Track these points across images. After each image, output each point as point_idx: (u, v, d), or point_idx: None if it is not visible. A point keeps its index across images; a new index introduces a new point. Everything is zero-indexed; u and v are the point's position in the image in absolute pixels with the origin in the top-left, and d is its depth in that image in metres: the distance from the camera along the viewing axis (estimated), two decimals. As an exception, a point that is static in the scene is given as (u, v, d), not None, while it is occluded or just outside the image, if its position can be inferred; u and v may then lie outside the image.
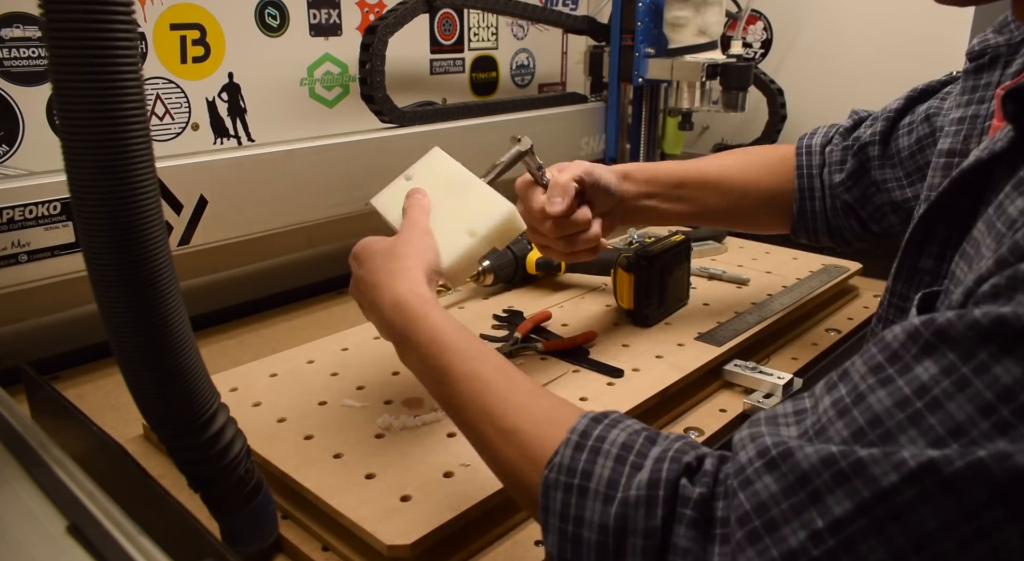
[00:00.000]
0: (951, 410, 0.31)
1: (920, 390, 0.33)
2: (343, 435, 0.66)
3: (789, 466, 0.35)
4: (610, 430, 0.44)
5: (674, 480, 0.39)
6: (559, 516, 0.42)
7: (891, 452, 0.32)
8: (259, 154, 0.93)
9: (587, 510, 0.41)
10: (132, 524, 0.38)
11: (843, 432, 0.34)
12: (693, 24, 1.19)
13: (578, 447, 0.43)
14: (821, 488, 0.33)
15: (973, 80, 0.58)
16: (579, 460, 0.42)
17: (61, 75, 0.38)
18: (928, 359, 0.33)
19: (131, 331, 0.43)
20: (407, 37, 1.16)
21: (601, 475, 0.41)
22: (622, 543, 0.39)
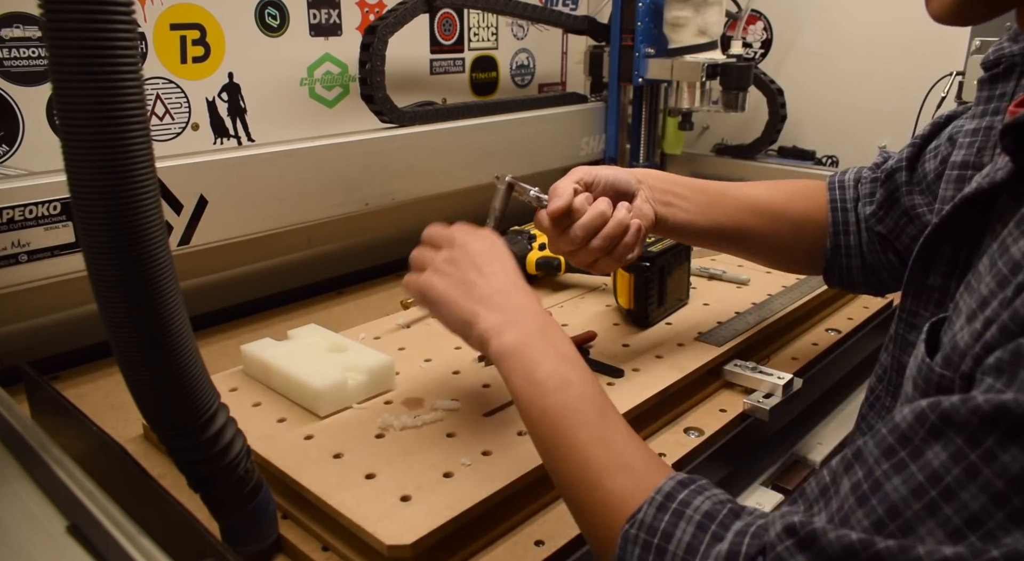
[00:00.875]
0: (965, 500, 0.32)
1: (933, 477, 0.33)
2: (343, 435, 0.66)
3: (816, 552, 0.35)
4: (695, 496, 0.44)
5: (752, 556, 0.39)
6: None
7: (907, 548, 0.32)
8: (259, 154, 0.93)
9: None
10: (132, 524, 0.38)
11: (864, 522, 0.35)
12: (693, 24, 1.19)
13: (661, 507, 0.44)
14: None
15: (988, 90, 0.57)
16: (661, 521, 0.43)
17: (61, 75, 0.38)
18: (937, 444, 0.34)
19: (131, 331, 0.43)
20: (407, 37, 1.16)
21: (681, 539, 0.42)
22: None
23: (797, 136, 1.37)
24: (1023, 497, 0.31)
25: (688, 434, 0.72)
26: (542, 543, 0.58)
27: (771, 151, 1.38)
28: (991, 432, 0.32)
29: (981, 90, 0.58)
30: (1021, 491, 0.31)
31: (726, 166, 1.39)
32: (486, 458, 0.62)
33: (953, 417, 0.33)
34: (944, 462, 0.33)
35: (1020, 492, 0.31)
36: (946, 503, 0.32)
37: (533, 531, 0.59)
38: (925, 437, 0.34)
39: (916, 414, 0.35)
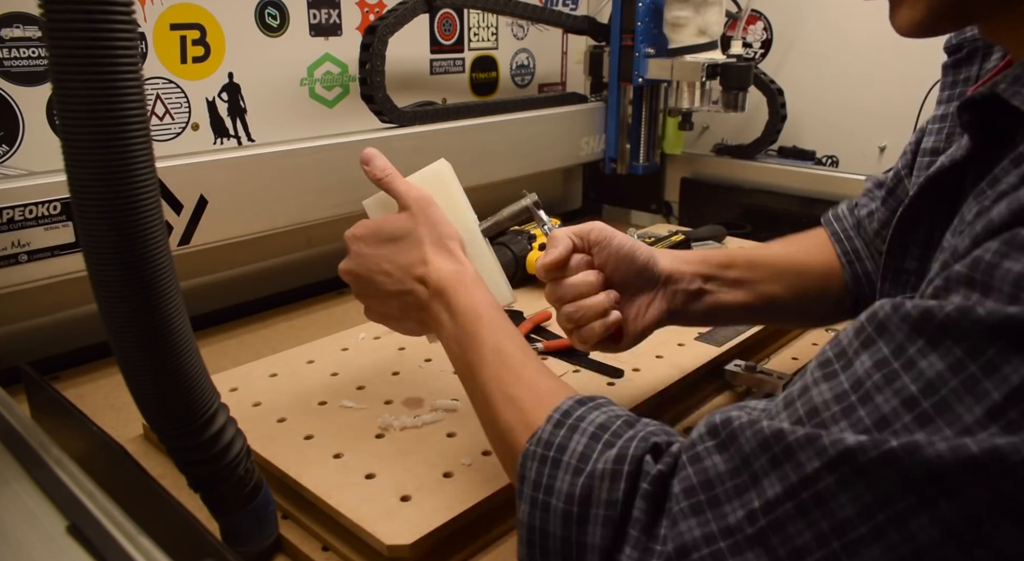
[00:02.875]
0: (879, 402, 0.33)
1: (856, 384, 0.35)
2: (343, 435, 0.66)
3: (736, 448, 0.37)
4: (592, 412, 0.46)
5: (639, 456, 0.41)
6: (532, 485, 0.44)
7: (815, 437, 0.34)
8: (259, 154, 0.93)
9: (557, 480, 0.43)
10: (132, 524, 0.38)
11: (784, 420, 0.36)
12: (693, 24, 1.18)
13: (558, 424, 0.46)
14: (759, 471, 0.35)
15: (952, 75, 0.58)
16: (557, 435, 0.45)
17: (61, 75, 0.38)
18: (866, 353, 0.35)
19: (131, 331, 0.43)
20: (407, 37, 1.16)
21: (575, 450, 0.44)
22: (586, 512, 0.41)
23: (797, 136, 1.37)
24: (931, 401, 0.32)
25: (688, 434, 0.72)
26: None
27: (771, 151, 1.38)
28: (916, 339, 0.33)
29: (946, 76, 0.58)
30: (931, 395, 0.32)
31: (726, 166, 1.39)
32: (486, 458, 0.62)
33: (885, 325, 0.35)
34: (868, 369, 0.34)
35: (930, 396, 0.32)
36: (862, 406, 0.34)
37: (533, 531, 0.59)
38: (858, 348, 0.36)
39: (855, 327, 0.37)
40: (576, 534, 0.41)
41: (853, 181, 1.21)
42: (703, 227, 1.19)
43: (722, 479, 0.37)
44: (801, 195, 1.27)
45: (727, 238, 1.19)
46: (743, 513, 0.35)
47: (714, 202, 1.38)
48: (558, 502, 0.42)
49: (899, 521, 0.31)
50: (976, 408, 0.30)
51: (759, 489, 0.35)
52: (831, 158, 1.36)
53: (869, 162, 1.31)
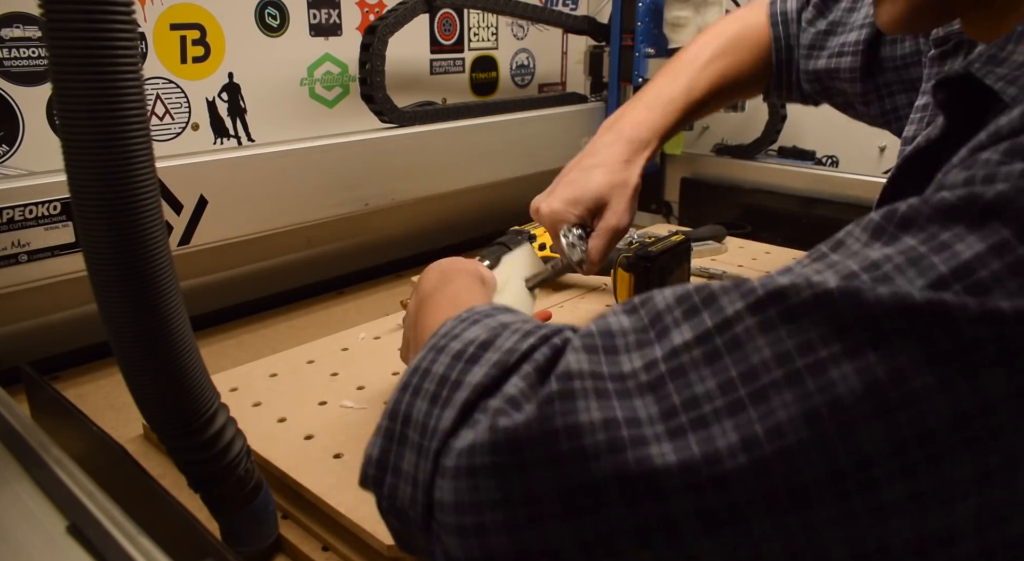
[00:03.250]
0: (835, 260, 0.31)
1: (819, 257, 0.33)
2: (343, 435, 0.66)
3: (647, 308, 0.34)
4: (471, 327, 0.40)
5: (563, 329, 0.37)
6: (440, 335, 0.40)
7: (743, 282, 0.32)
8: (259, 154, 0.93)
9: (468, 332, 0.39)
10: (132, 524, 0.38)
11: None
12: (693, 24, 1.19)
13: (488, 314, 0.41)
14: (670, 324, 0.33)
15: (938, 66, 0.58)
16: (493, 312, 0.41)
17: (61, 75, 0.38)
18: (686, 323, 0.33)
19: (131, 331, 0.43)
20: (407, 37, 1.16)
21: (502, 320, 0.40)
22: (479, 354, 0.37)
23: (797, 136, 1.37)
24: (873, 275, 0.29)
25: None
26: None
27: (771, 151, 1.38)
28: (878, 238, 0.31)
29: (931, 67, 0.59)
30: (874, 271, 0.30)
31: (726, 166, 1.39)
32: (486, 458, 0.62)
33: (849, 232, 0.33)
34: (688, 341, 0.32)
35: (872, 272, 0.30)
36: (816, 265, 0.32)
37: (533, 531, 0.59)
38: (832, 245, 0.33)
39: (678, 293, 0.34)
40: (458, 372, 0.36)
41: (853, 181, 1.21)
42: (703, 227, 1.19)
43: (624, 332, 0.34)
44: (801, 195, 1.27)
45: (727, 238, 1.19)
46: (640, 362, 0.32)
47: (714, 202, 1.38)
48: (456, 344, 0.38)
49: (819, 368, 0.28)
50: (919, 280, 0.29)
51: (665, 341, 0.32)
52: (831, 158, 1.36)
53: (869, 162, 1.31)
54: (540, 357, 0.35)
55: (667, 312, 0.33)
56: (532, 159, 1.28)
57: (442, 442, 0.35)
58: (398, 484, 0.39)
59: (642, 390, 0.31)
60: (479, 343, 0.37)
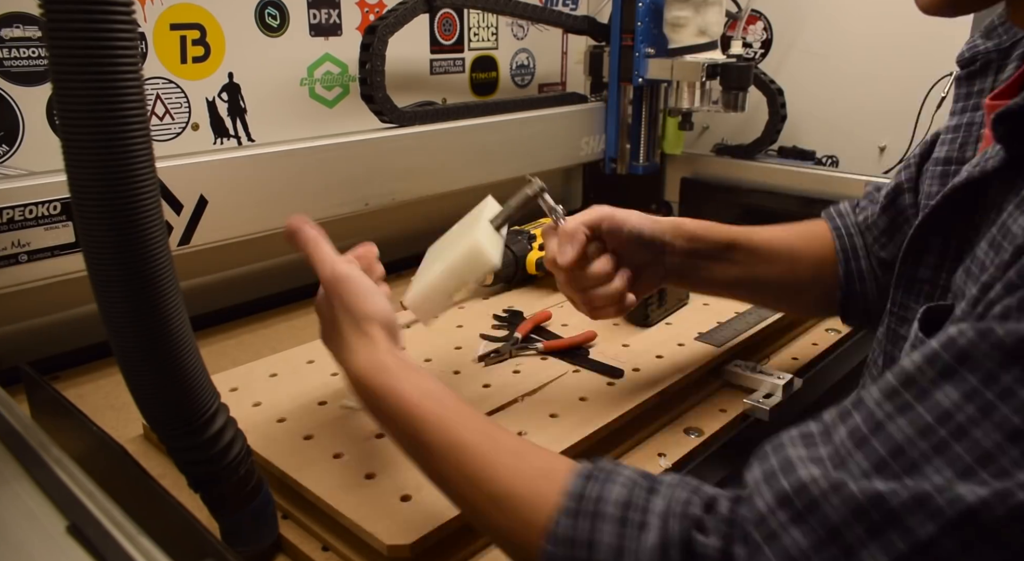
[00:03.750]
0: (977, 437, 0.30)
1: (943, 417, 0.31)
2: (343, 435, 0.66)
3: (818, 520, 0.32)
4: (604, 487, 0.40)
5: (686, 539, 0.36)
6: (566, 541, 0.39)
7: (925, 498, 0.30)
8: (259, 154, 0.93)
9: (600, 532, 0.38)
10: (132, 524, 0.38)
11: (863, 464, 0.33)
12: (693, 24, 1.18)
13: (575, 513, 0.40)
14: (854, 543, 0.31)
15: (966, 87, 0.58)
16: (580, 529, 0.39)
17: (61, 75, 0.38)
18: (948, 383, 0.32)
19: (131, 331, 0.43)
20: (407, 37, 1.16)
21: (607, 542, 0.38)
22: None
23: (797, 136, 1.37)
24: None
25: (688, 434, 0.72)
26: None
27: (771, 151, 1.38)
28: (1010, 368, 0.30)
29: (959, 88, 0.58)
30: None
31: (726, 166, 1.39)
32: (486, 458, 0.62)
33: (970, 353, 0.31)
34: (956, 401, 0.31)
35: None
36: (956, 441, 0.30)
37: (533, 531, 0.59)
38: (935, 378, 0.32)
39: (926, 355, 0.33)
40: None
41: (853, 181, 1.21)
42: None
43: (806, 555, 0.32)
44: (801, 195, 1.27)
45: (727, 238, 1.19)
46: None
47: (714, 202, 1.38)
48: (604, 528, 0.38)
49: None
50: None
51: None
52: (831, 158, 1.36)
53: (869, 162, 1.31)
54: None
55: (846, 528, 0.32)
56: (532, 159, 1.28)
57: None
58: None
59: None
60: None
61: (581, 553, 0.39)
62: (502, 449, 0.46)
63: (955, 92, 0.59)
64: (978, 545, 0.29)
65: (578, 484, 0.41)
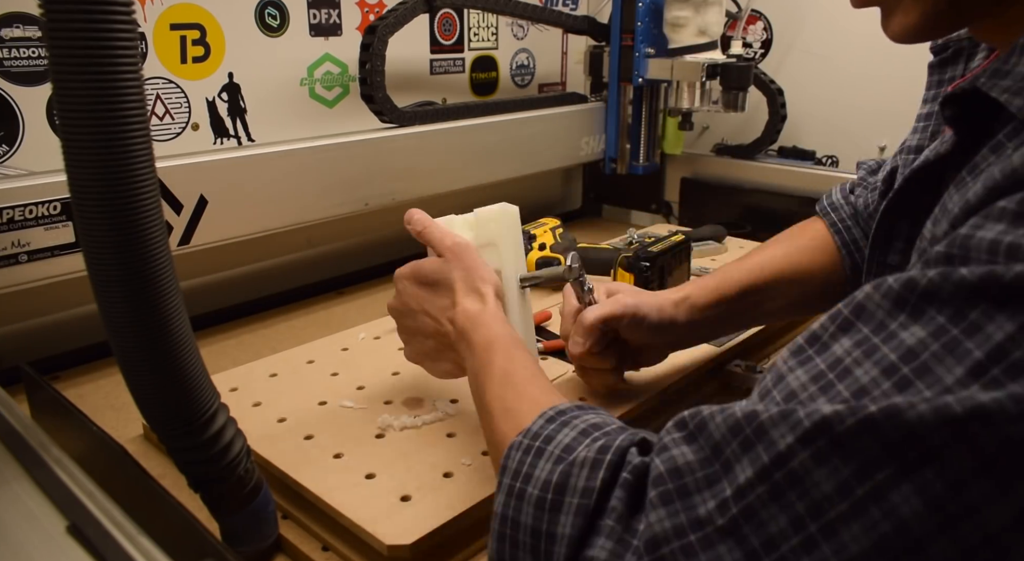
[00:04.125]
0: (857, 375, 0.32)
1: (834, 363, 0.34)
2: (343, 435, 0.66)
3: (705, 437, 0.36)
4: (588, 413, 0.46)
5: (624, 447, 0.40)
6: (511, 474, 0.43)
7: (789, 413, 0.32)
8: (259, 154, 0.93)
9: (537, 468, 0.42)
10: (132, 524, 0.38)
11: (755, 403, 0.36)
12: (693, 24, 1.18)
13: (550, 420, 0.46)
14: (730, 457, 0.34)
15: (938, 74, 0.59)
16: (546, 429, 0.45)
17: (61, 75, 0.38)
18: (844, 335, 0.34)
19: (131, 331, 0.43)
20: (407, 37, 1.16)
21: (561, 441, 0.43)
22: (559, 500, 0.40)
23: (797, 136, 1.37)
24: (912, 366, 0.31)
25: (688, 434, 0.72)
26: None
27: (771, 151, 1.38)
28: (898, 313, 0.32)
29: (932, 75, 0.59)
30: (911, 361, 0.31)
31: (726, 166, 1.39)
32: (486, 458, 0.62)
33: (865, 305, 0.34)
34: (847, 348, 0.34)
35: (910, 362, 0.31)
36: (839, 381, 0.33)
37: (533, 531, 0.59)
38: (834, 332, 0.35)
39: (830, 314, 0.36)
40: (547, 523, 0.39)
41: (853, 181, 1.21)
42: (703, 227, 1.19)
43: (692, 468, 0.35)
44: (801, 195, 1.27)
45: (727, 238, 1.19)
46: (714, 503, 0.34)
47: (714, 202, 1.38)
48: (533, 490, 0.41)
49: (879, 493, 0.29)
50: (957, 368, 0.29)
51: (731, 476, 0.33)
52: (831, 158, 1.36)
53: (869, 162, 1.31)
54: (619, 505, 0.37)
55: (724, 444, 0.35)
56: (532, 159, 1.28)
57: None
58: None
59: (722, 535, 0.33)
60: (555, 487, 0.40)
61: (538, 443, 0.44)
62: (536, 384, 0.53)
63: (927, 79, 0.59)
64: (831, 456, 0.31)
65: (567, 406, 0.47)
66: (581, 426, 0.44)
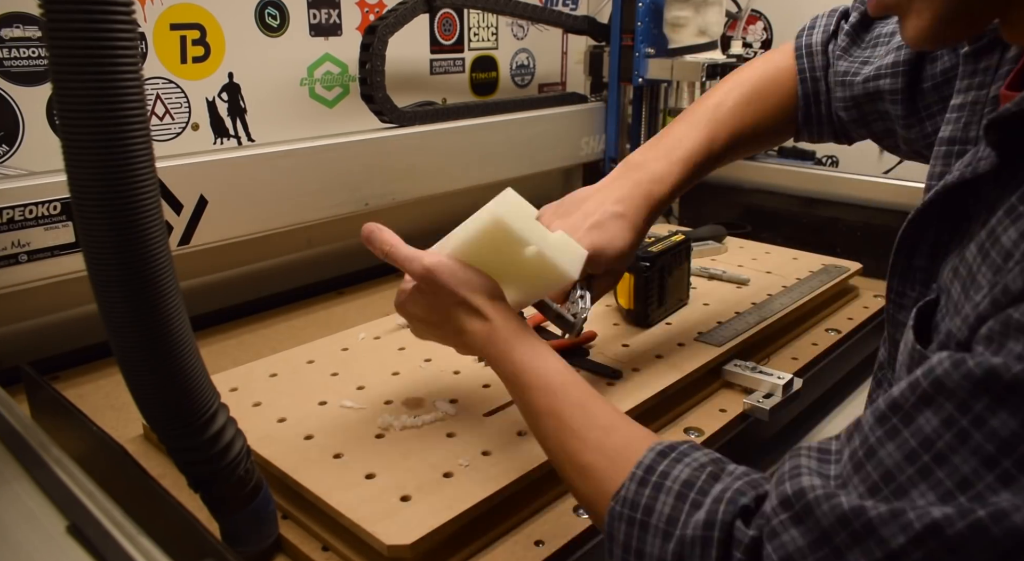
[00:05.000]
0: (956, 463, 0.33)
1: (925, 442, 0.34)
2: (343, 435, 0.66)
3: (812, 522, 0.36)
4: (675, 466, 0.45)
5: (729, 522, 0.40)
6: (622, 547, 0.44)
7: (899, 512, 0.33)
8: (259, 154, 0.93)
9: (647, 544, 0.42)
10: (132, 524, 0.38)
11: (860, 487, 0.36)
12: (693, 24, 1.19)
13: (642, 482, 0.44)
14: (841, 546, 0.35)
15: (972, 64, 0.56)
16: (642, 495, 0.44)
17: (61, 75, 0.38)
18: (928, 409, 0.35)
19: (131, 331, 0.43)
20: (407, 37, 1.16)
21: (662, 511, 0.43)
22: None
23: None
24: (1012, 459, 0.31)
25: (688, 434, 0.72)
26: (542, 543, 0.58)
27: (771, 151, 1.38)
28: (981, 397, 0.33)
29: (966, 64, 0.57)
30: (1010, 453, 0.32)
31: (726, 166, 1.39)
32: (486, 458, 0.62)
33: (944, 382, 0.34)
34: (936, 427, 0.34)
35: (1009, 454, 0.32)
36: (938, 467, 0.33)
37: (533, 531, 0.59)
38: (916, 404, 0.35)
39: (909, 382, 0.36)
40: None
41: (853, 181, 1.21)
42: (703, 227, 1.19)
43: (803, 553, 0.36)
44: (801, 195, 1.27)
45: (727, 238, 1.19)
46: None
47: (714, 202, 1.38)
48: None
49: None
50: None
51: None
52: (831, 158, 1.36)
53: (869, 162, 1.31)
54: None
55: (833, 532, 0.35)
56: (532, 159, 1.28)
57: None
58: None
59: None
60: None
61: (639, 515, 0.43)
62: (593, 424, 0.51)
63: (961, 69, 0.57)
64: (943, 557, 0.32)
65: (651, 458, 0.46)
66: (675, 489, 0.43)
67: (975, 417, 0.33)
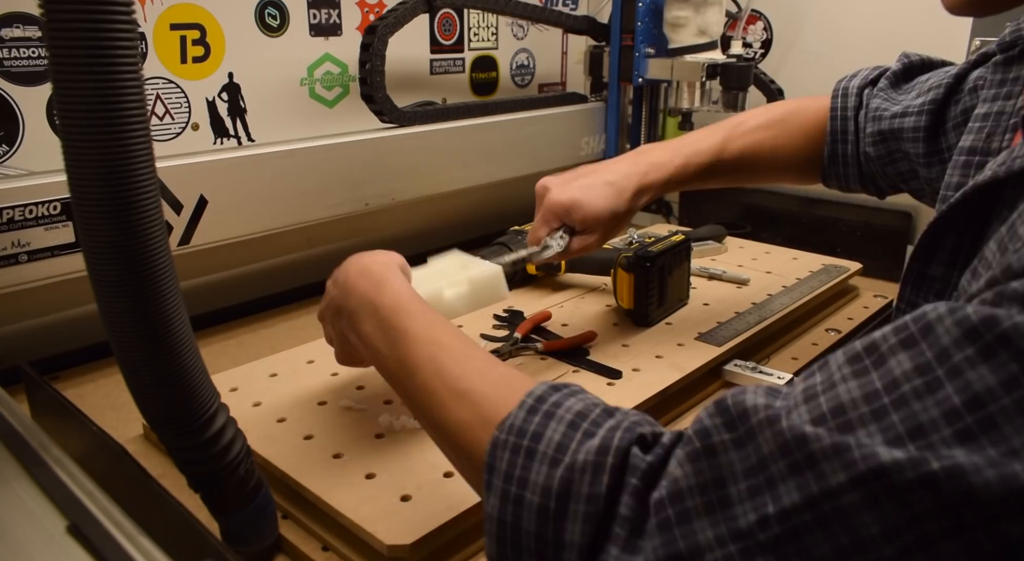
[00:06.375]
0: (915, 409, 0.31)
1: (890, 385, 0.32)
2: (343, 435, 0.66)
3: (753, 447, 0.34)
4: (568, 398, 0.43)
5: (625, 448, 0.38)
6: (503, 476, 0.41)
7: (843, 448, 0.31)
8: (259, 154, 0.93)
9: (532, 472, 0.40)
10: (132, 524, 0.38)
11: (804, 415, 0.34)
12: (693, 24, 1.19)
13: (532, 410, 0.42)
14: (776, 475, 0.33)
15: (1002, 73, 0.55)
16: (531, 422, 0.41)
17: (61, 75, 0.38)
18: (904, 353, 0.32)
19: (131, 331, 0.43)
20: (407, 37, 1.16)
21: (551, 438, 0.40)
22: (564, 507, 0.38)
23: (797, 136, 1.37)
24: (976, 416, 0.29)
25: (688, 434, 0.72)
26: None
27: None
28: (966, 347, 0.30)
29: (995, 73, 0.55)
30: (976, 410, 0.29)
31: (726, 166, 1.39)
32: (486, 458, 0.62)
33: (934, 327, 0.32)
34: (907, 371, 0.32)
35: (976, 411, 0.29)
36: (895, 410, 0.31)
37: (533, 531, 0.59)
38: (895, 345, 0.33)
39: (895, 325, 0.34)
40: (553, 530, 0.38)
41: (853, 181, 1.21)
42: (703, 227, 1.19)
43: (736, 478, 0.34)
44: (801, 195, 1.27)
45: (727, 238, 1.19)
46: (755, 517, 0.33)
47: (714, 202, 1.38)
48: (533, 496, 0.39)
49: (927, 544, 0.29)
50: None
51: (774, 494, 0.32)
52: (831, 158, 1.36)
53: (869, 162, 1.30)
54: (628, 512, 0.36)
55: (771, 460, 0.33)
56: (532, 159, 1.28)
57: None
58: None
59: (763, 549, 0.32)
60: (557, 494, 0.38)
61: (526, 442, 0.41)
62: (475, 354, 0.50)
63: (990, 77, 0.56)
64: (884, 502, 0.30)
65: (543, 389, 0.44)
66: (568, 418, 0.41)
67: (952, 367, 0.30)
